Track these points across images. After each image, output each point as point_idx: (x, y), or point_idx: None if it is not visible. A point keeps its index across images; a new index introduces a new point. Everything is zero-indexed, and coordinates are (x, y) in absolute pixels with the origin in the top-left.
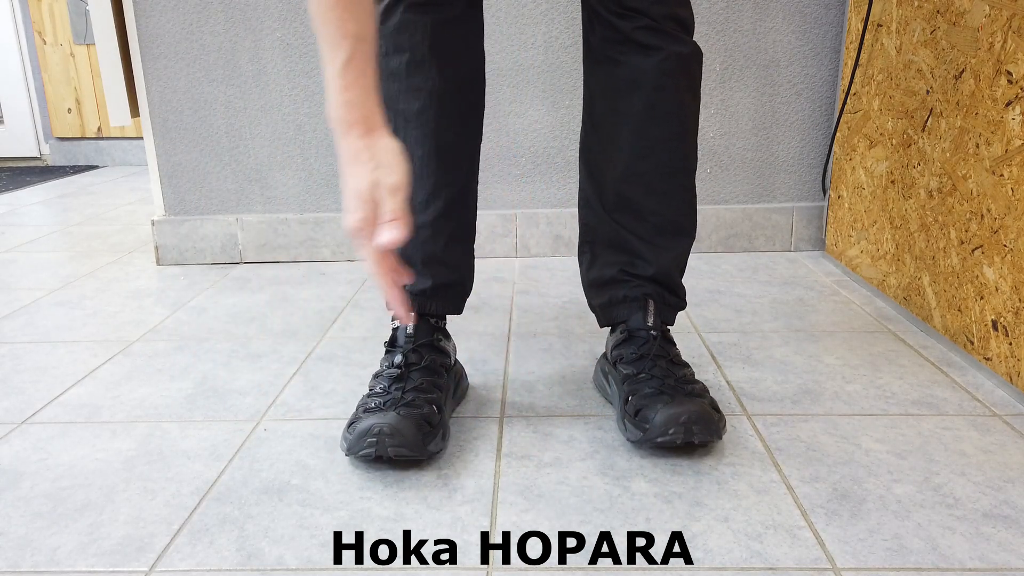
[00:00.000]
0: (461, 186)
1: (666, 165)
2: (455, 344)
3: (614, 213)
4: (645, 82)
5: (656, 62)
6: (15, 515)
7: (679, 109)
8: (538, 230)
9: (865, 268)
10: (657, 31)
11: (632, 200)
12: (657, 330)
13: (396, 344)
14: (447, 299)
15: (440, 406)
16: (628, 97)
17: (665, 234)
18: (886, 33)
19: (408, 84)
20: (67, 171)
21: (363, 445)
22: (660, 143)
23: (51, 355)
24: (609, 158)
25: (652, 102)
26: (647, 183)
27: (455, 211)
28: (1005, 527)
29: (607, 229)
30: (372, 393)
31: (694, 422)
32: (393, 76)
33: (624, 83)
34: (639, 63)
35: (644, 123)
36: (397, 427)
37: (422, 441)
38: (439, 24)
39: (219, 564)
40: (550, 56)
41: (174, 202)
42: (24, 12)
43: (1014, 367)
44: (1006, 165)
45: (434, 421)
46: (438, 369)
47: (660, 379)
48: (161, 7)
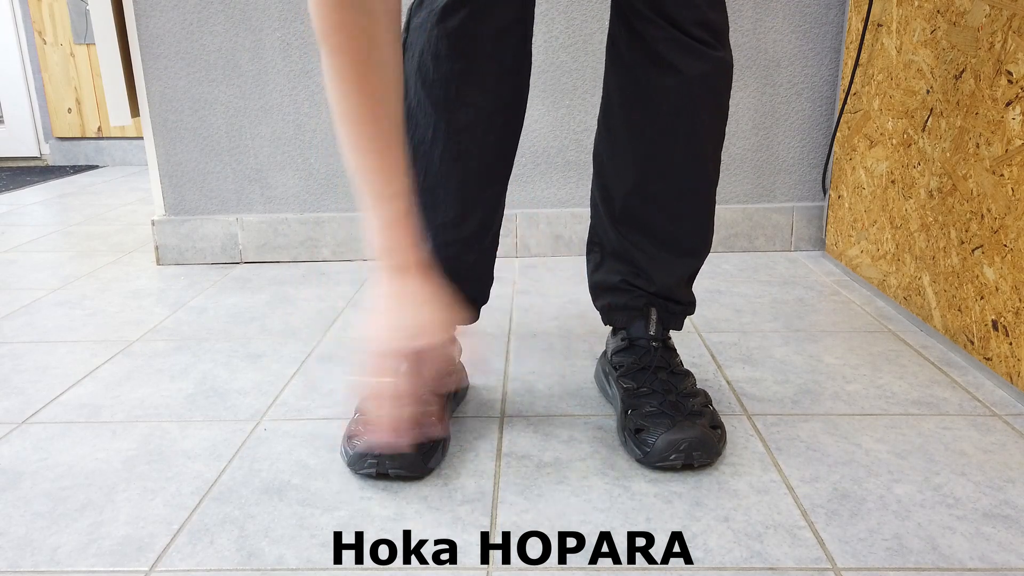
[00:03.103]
0: (494, 202)
1: (680, 189)
2: (461, 346)
3: (620, 225)
4: (663, 102)
5: (676, 83)
6: (15, 515)
7: (698, 131)
8: (538, 230)
9: (865, 268)
10: (682, 45)
11: (640, 217)
12: (658, 340)
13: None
14: (467, 311)
15: (440, 416)
16: (644, 113)
17: (673, 252)
18: (886, 33)
19: (459, 94)
20: (67, 171)
21: (363, 465)
22: (675, 165)
23: (51, 355)
24: (620, 170)
25: (669, 125)
26: (658, 203)
27: (486, 227)
28: (1005, 527)
29: (613, 238)
30: None
31: (695, 448)
32: (443, 82)
33: (642, 97)
34: (659, 80)
35: (659, 144)
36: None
37: (422, 460)
38: (498, 35)
39: (219, 564)
40: (550, 56)
41: (174, 202)
42: (24, 12)
43: (1014, 367)
44: (1006, 165)
45: (434, 434)
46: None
47: (661, 395)
48: (161, 7)
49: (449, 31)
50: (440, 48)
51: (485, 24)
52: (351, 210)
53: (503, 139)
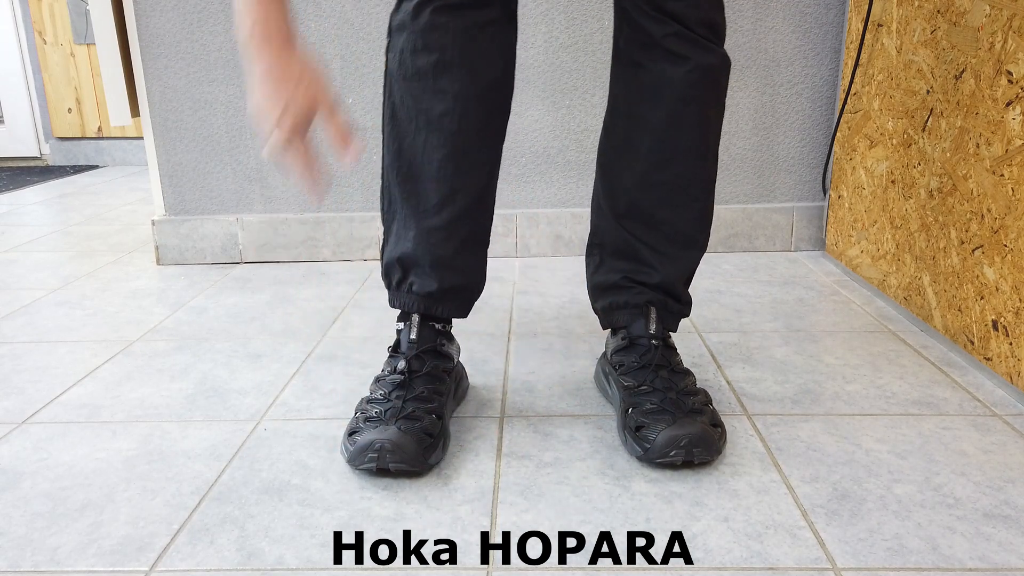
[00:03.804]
0: (479, 191)
1: (683, 177)
2: (459, 345)
3: (624, 220)
4: (670, 92)
5: (684, 72)
6: (15, 515)
7: (703, 123)
8: (538, 230)
9: (865, 268)
10: (687, 39)
11: (644, 209)
12: (659, 338)
13: (399, 349)
14: (453, 303)
15: (440, 413)
16: (651, 105)
17: (675, 245)
18: (886, 33)
19: (434, 85)
20: (67, 171)
21: (364, 460)
22: (680, 155)
23: (51, 355)
24: (626, 164)
25: (676, 113)
26: (662, 194)
27: (470, 216)
28: (1005, 527)
29: (616, 235)
30: (372, 399)
31: (695, 444)
32: (419, 74)
33: (648, 90)
34: (665, 71)
35: (665, 133)
36: (398, 443)
37: (422, 455)
38: (472, 27)
39: (219, 564)
40: (550, 56)
41: (174, 202)
42: (24, 12)
43: (1014, 367)
44: (1006, 165)
45: (435, 431)
46: (440, 375)
47: (662, 392)
48: (161, 7)
49: (423, 27)
50: (417, 43)
51: (456, 20)
52: (351, 210)
53: (483, 127)
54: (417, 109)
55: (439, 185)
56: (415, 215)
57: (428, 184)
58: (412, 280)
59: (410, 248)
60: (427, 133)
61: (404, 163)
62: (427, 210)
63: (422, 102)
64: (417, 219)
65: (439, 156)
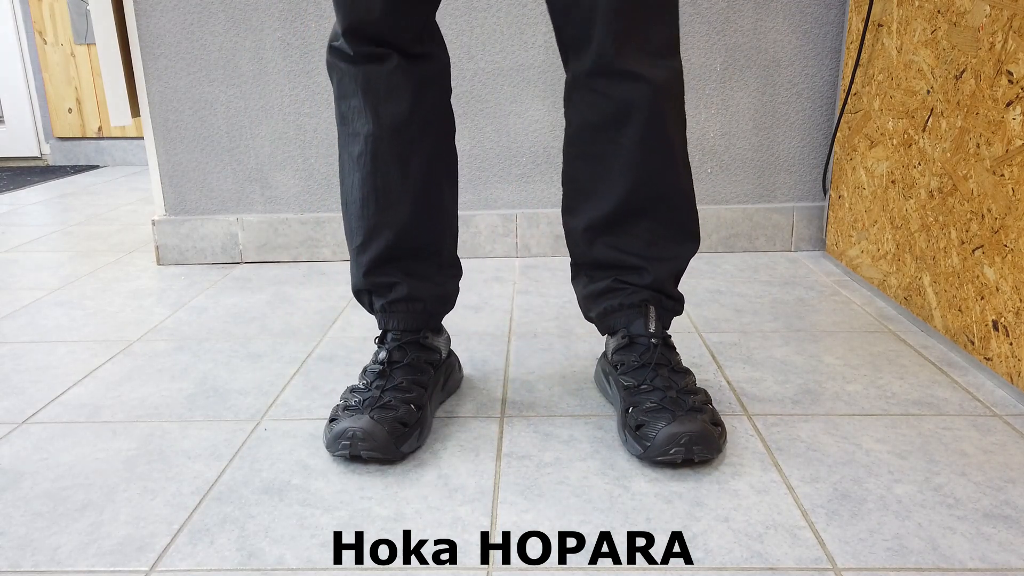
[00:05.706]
0: (403, 223)
1: (660, 194)
2: (449, 336)
3: (606, 237)
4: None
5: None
6: (15, 515)
7: (668, 139)
8: (538, 230)
9: (866, 268)
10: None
11: (626, 226)
12: (659, 337)
13: (384, 340)
14: (405, 314)
15: (419, 404)
16: (619, 126)
17: (663, 247)
18: (887, 33)
19: (351, 128)
20: (67, 171)
21: (338, 447)
22: (654, 175)
23: (51, 355)
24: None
25: (643, 133)
26: (642, 210)
27: (401, 246)
28: (1006, 527)
29: (599, 253)
30: (355, 388)
31: (695, 442)
32: (342, 119)
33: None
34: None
35: (639, 150)
36: (369, 431)
37: (394, 444)
38: (371, 75)
39: (219, 564)
40: (550, 56)
41: (175, 202)
42: (24, 12)
43: (1014, 367)
44: (1007, 165)
45: (410, 421)
46: (422, 367)
47: (662, 391)
48: (161, 7)
49: (340, 74)
50: (337, 90)
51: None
52: None
53: (401, 162)
54: (346, 151)
55: (362, 223)
56: (352, 250)
57: (356, 222)
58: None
59: (357, 280)
60: (352, 173)
61: (343, 201)
62: (357, 248)
63: (347, 144)
64: (355, 254)
65: (359, 196)
